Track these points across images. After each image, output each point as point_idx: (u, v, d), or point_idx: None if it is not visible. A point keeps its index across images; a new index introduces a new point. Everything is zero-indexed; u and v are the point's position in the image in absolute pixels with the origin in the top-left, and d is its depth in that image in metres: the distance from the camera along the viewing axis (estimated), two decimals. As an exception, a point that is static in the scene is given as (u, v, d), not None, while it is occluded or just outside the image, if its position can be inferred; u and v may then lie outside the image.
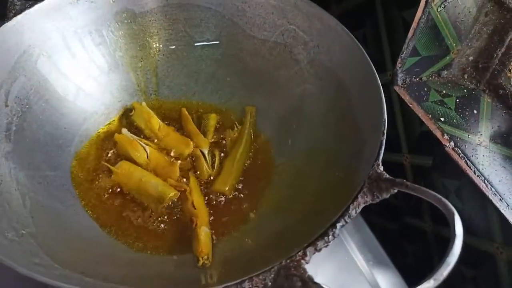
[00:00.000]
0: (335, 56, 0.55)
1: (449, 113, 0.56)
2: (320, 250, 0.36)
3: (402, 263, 0.57)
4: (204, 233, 0.47)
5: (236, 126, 0.61)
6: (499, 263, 0.49)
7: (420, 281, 0.30)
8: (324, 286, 0.32)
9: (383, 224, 0.67)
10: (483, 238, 0.50)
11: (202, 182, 0.56)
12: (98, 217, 0.52)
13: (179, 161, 0.57)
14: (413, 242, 0.63)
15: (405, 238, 0.64)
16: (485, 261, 0.51)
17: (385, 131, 0.44)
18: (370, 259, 0.57)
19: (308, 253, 0.35)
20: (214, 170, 0.57)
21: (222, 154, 0.59)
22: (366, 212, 0.62)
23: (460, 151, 0.52)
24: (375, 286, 0.55)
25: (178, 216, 0.52)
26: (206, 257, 0.45)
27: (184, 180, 0.55)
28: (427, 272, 0.61)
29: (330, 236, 0.37)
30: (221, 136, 0.61)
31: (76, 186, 0.54)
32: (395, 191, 0.38)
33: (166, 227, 0.51)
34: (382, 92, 0.47)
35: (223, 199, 0.54)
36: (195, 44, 0.64)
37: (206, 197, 0.54)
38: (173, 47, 0.64)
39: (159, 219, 0.52)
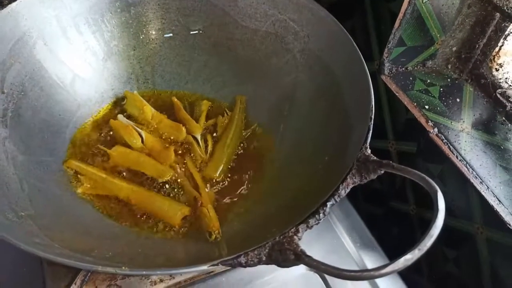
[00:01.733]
0: (324, 45, 0.56)
1: (433, 101, 0.59)
2: (311, 227, 0.38)
3: (388, 245, 0.60)
4: (212, 210, 0.50)
5: (226, 113, 0.62)
6: (479, 242, 0.52)
7: (406, 252, 0.32)
8: (315, 259, 0.34)
9: (370, 209, 0.70)
10: (464, 219, 0.53)
11: (198, 167, 0.57)
12: (93, 201, 0.53)
13: (174, 147, 0.58)
14: (398, 225, 0.65)
15: (390, 221, 0.66)
16: (466, 241, 0.53)
17: (373, 117, 0.46)
18: (357, 241, 0.60)
19: (300, 229, 0.37)
20: (207, 154, 0.58)
21: (215, 139, 0.60)
22: (354, 198, 0.64)
23: (443, 137, 0.55)
24: (362, 266, 0.57)
25: (180, 197, 0.54)
26: (217, 231, 0.48)
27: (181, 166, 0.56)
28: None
29: (321, 214, 0.39)
30: (214, 122, 0.62)
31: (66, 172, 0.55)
32: (382, 172, 0.40)
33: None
34: (370, 80, 0.49)
35: (217, 183, 0.56)
36: (187, 33, 0.65)
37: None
38: (166, 36, 0.65)
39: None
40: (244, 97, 0.63)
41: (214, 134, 0.61)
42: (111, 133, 0.59)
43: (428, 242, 0.32)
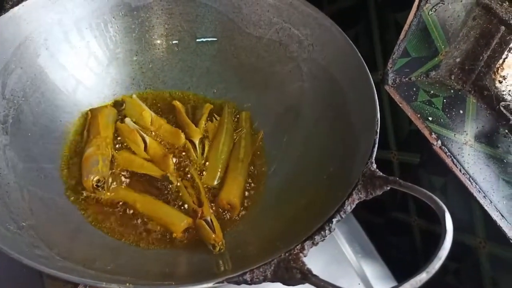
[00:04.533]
0: (329, 55, 0.56)
1: (436, 112, 0.58)
2: (317, 244, 0.38)
3: (389, 256, 0.60)
4: (215, 221, 0.49)
5: (215, 118, 0.62)
6: (481, 256, 0.52)
7: (413, 274, 0.32)
8: (322, 279, 0.34)
9: (371, 219, 0.70)
10: (466, 233, 0.53)
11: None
12: (91, 212, 0.52)
13: (172, 153, 0.57)
14: (399, 235, 0.65)
15: (391, 232, 0.66)
16: (468, 254, 0.54)
17: (378, 130, 0.45)
18: (358, 252, 0.60)
19: (306, 247, 0.37)
20: (204, 159, 0.58)
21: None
22: (355, 208, 0.64)
23: (447, 150, 0.54)
24: (363, 277, 0.57)
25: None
26: (221, 243, 0.47)
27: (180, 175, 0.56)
28: (413, 263, 0.63)
29: (327, 231, 0.38)
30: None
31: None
32: (388, 188, 0.40)
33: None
34: (375, 92, 0.48)
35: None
36: (190, 39, 0.64)
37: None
38: (168, 41, 0.64)
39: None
40: (232, 104, 0.64)
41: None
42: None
43: (437, 264, 0.32)
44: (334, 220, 0.39)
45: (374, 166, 0.42)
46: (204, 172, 0.57)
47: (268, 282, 0.36)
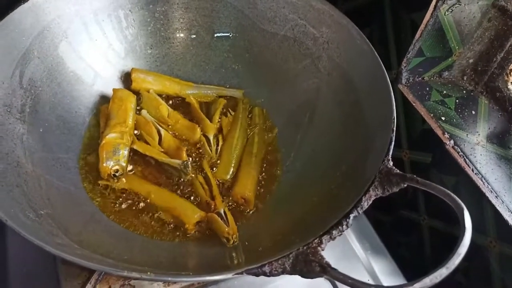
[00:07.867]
0: (344, 53, 0.56)
1: (449, 112, 0.59)
2: (334, 238, 0.38)
3: (398, 253, 0.60)
4: (229, 214, 0.50)
5: (230, 113, 0.62)
6: (491, 256, 0.52)
7: (433, 270, 0.32)
8: (341, 272, 0.34)
9: (381, 217, 0.70)
10: (477, 232, 0.53)
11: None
12: (105, 203, 0.52)
13: (186, 147, 0.58)
14: (408, 233, 0.66)
15: (401, 230, 0.67)
16: (478, 253, 0.54)
17: (395, 129, 0.46)
18: (368, 249, 0.60)
19: (324, 240, 0.37)
20: (217, 154, 0.58)
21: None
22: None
23: (459, 150, 0.55)
24: (372, 273, 0.58)
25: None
26: (235, 236, 0.47)
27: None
28: (421, 261, 0.64)
29: (344, 226, 0.39)
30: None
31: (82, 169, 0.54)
32: (405, 185, 0.41)
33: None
34: (392, 92, 0.49)
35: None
36: (205, 34, 0.64)
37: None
38: (183, 35, 0.64)
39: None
40: (247, 100, 0.64)
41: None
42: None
43: (456, 260, 0.32)
44: (351, 216, 0.39)
45: (391, 163, 0.43)
46: (215, 168, 0.57)
47: (287, 274, 0.36)
